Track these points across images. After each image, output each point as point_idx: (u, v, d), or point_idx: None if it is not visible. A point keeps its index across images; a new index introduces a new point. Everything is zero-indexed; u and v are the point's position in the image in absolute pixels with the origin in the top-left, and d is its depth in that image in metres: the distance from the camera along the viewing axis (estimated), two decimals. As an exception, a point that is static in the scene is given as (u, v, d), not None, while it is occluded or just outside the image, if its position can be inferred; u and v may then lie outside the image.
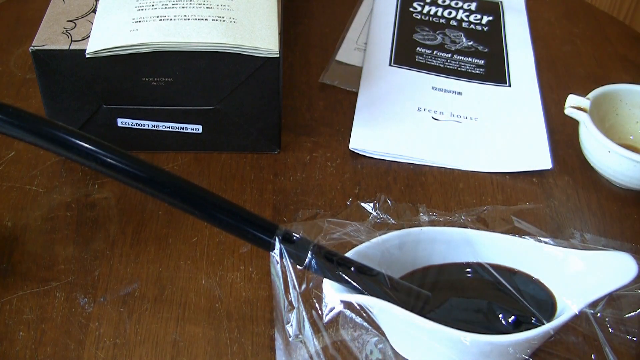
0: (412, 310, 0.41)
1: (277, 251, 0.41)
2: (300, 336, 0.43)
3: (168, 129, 0.59)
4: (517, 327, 0.44)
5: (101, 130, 0.58)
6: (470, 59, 0.71)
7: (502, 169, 0.61)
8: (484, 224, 0.51)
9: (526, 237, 0.46)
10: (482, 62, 0.71)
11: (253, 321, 0.49)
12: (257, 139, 0.60)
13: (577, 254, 0.45)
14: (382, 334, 0.45)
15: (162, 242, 0.54)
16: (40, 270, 0.51)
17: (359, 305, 0.42)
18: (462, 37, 0.73)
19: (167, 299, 0.50)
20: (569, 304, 0.43)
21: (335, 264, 0.41)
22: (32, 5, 0.75)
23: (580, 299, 0.43)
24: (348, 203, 0.57)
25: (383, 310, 0.42)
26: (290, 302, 0.43)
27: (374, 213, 0.50)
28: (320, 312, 0.43)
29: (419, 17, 0.76)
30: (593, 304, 0.44)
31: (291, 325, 0.43)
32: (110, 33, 0.54)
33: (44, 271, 0.51)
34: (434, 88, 0.68)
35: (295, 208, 0.56)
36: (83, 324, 0.48)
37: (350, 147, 0.61)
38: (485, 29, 0.75)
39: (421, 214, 0.51)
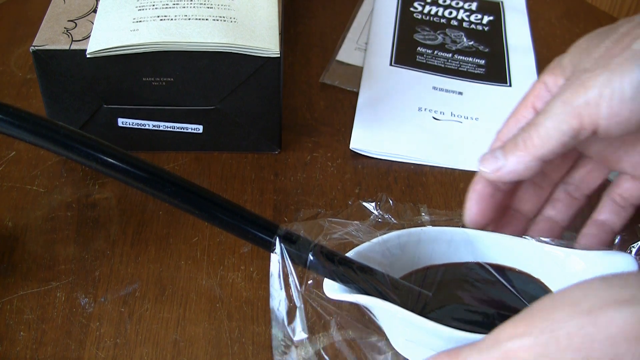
0: (412, 310, 0.41)
1: (277, 251, 0.41)
2: (302, 333, 0.43)
3: (168, 129, 0.59)
4: (517, 327, 0.44)
5: (102, 130, 0.58)
6: (470, 59, 0.71)
7: (503, 169, 0.60)
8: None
9: (526, 236, 0.46)
10: (482, 62, 0.71)
11: (254, 321, 0.49)
12: (257, 138, 0.60)
13: (578, 253, 0.45)
14: (382, 334, 0.45)
15: (162, 242, 0.54)
16: (41, 270, 0.51)
17: (359, 305, 0.42)
18: (463, 37, 0.73)
19: (168, 299, 0.50)
20: (570, 304, 0.43)
21: (335, 264, 0.41)
22: (32, 5, 0.75)
23: (580, 299, 0.43)
24: (350, 203, 0.57)
25: (383, 310, 0.42)
26: (291, 301, 0.43)
27: (375, 213, 0.50)
28: (320, 311, 0.43)
29: (419, 17, 0.76)
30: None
31: (292, 325, 0.43)
32: (110, 33, 0.54)
33: (45, 271, 0.51)
34: (434, 88, 0.68)
35: (296, 208, 0.57)
36: (84, 324, 0.48)
37: (350, 147, 0.61)
38: (485, 28, 0.75)
39: (422, 213, 0.51)
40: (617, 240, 0.48)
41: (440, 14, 0.76)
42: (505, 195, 0.47)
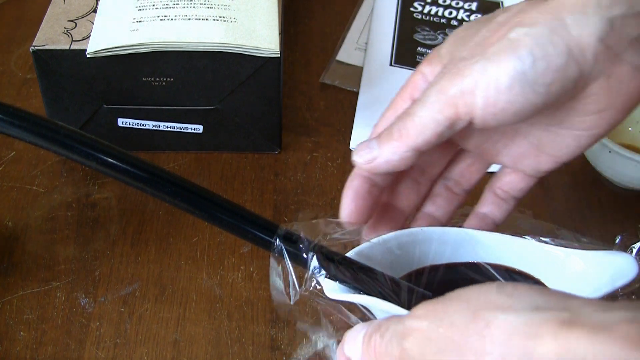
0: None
1: (277, 251, 0.41)
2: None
3: (169, 129, 0.59)
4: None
5: (102, 130, 0.58)
6: (470, 59, 0.71)
7: (503, 169, 0.60)
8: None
9: (526, 236, 0.46)
10: (482, 62, 0.71)
11: (254, 321, 0.49)
12: (257, 139, 0.60)
13: (577, 253, 0.45)
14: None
15: (162, 242, 0.54)
16: (41, 270, 0.51)
17: (359, 305, 0.42)
18: (463, 37, 0.73)
19: (168, 299, 0.50)
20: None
21: (335, 264, 0.41)
22: (32, 5, 0.75)
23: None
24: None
25: (383, 311, 0.42)
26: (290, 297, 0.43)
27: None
28: (320, 311, 0.43)
29: (419, 17, 0.76)
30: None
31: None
32: (110, 33, 0.54)
33: (45, 271, 0.51)
34: (434, 88, 0.67)
35: (296, 208, 0.57)
36: (84, 324, 0.48)
37: (351, 147, 0.61)
38: (485, 28, 0.75)
39: (422, 213, 0.51)
40: (617, 241, 0.48)
41: (440, 14, 0.76)
42: (382, 192, 0.46)
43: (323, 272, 0.42)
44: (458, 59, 0.39)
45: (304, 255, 0.41)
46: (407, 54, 0.71)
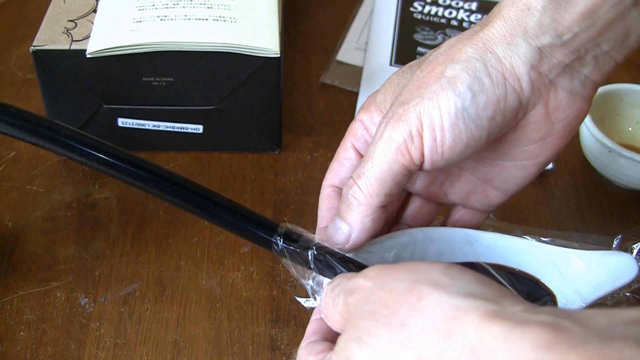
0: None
1: (278, 250, 0.41)
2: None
3: (168, 129, 0.59)
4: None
5: (102, 130, 0.58)
6: (470, 59, 0.71)
7: (503, 169, 0.60)
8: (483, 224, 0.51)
9: (526, 237, 0.46)
10: (482, 62, 0.71)
11: (254, 321, 0.49)
12: (257, 138, 0.60)
13: (577, 254, 0.45)
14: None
15: (162, 242, 0.54)
16: (41, 270, 0.51)
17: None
18: (463, 37, 0.73)
19: (168, 298, 0.50)
20: (569, 304, 0.43)
21: (336, 263, 0.41)
22: (32, 5, 0.75)
23: (580, 299, 0.43)
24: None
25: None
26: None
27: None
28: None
29: (419, 17, 0.76)
30: (593, 304, 0.44)
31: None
32: (111, 33, 0.54)
33: (45, 271, 0.51)
34: (434, 88, 0.67)
35: (296, 208, 0.57)
36: (84, 324, 0.48)
37: (350, 147, 0.61)
38: (485, 29, 0.75)
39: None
40: (617, 241, 0.48)
41: (440, 14, 0.76)
42: None
43: (323, 271, 0.42)
44: (397, 104, 0.39)
45: (305, 254, 0.41)
46: (407, 54, 0.71)
